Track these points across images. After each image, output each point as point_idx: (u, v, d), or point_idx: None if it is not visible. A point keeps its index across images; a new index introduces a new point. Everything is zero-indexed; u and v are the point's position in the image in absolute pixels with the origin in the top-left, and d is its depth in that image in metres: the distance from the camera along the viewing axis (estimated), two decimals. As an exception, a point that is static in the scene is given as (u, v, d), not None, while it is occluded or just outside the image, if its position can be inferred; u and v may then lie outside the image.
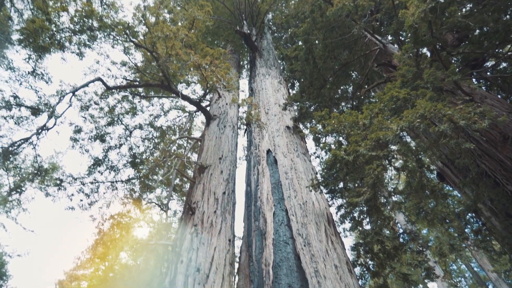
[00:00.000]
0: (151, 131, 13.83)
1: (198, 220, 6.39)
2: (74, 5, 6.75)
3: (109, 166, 12.60)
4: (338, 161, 5.45)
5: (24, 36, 5.75)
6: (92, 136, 11.10)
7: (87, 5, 6.44)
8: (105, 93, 9.48)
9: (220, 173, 7.81)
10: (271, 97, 10.48)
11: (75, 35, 6.78)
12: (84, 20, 6.54)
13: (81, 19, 6.51)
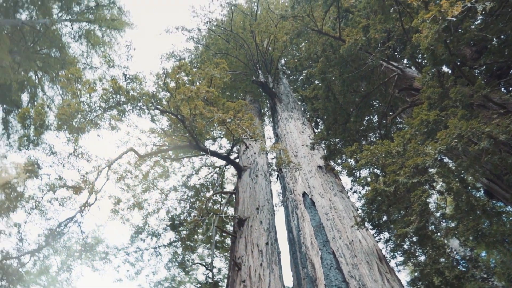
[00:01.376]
0: (185, 192, 14.00)
1: (245, 276, 6.24)
2: (100, 84, 7.19)
3: (150, 232, 12.72)
4: (379, 194, 5.29)
5: (61, 122, 6.14)
6: (130, 205, 11.33)
7: (113, 83, 6.82)
8: (138, 161, 9.79)
9: (259, 224, 7.71)
10: (297, 139, 10.50)
11: (106, 112, 7.13)
12: (113, 97, 6.90)
13: (110, 96, 6.88)
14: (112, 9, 20.35)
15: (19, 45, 17.48)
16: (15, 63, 16.72)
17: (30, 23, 17.30)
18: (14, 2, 16.93)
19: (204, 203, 8.88)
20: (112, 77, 7.26)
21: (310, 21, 9.76)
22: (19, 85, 17.13)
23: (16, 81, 16.11)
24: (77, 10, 19.16)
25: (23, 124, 7.03)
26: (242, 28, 17.70)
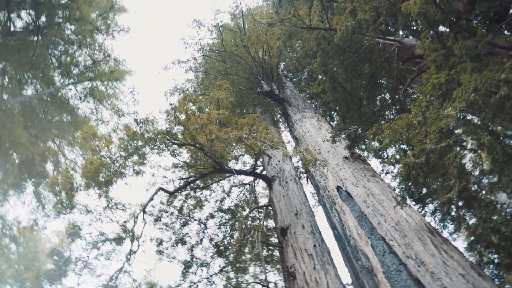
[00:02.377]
0: (222, 216, 14.05)
1: (302, 283, 6.20)
2: (115, 135, 7.40)
3: (199, 264, 12.77)
4: (411, 168, 5.21)
5: (88, 180, 6.35)
6: (173, 243, 11.47)
7: (127, 130, 7.02)
8: (169, 199, 9.98)
9: (302, 228, 7.67)
10: (316, 137, 10.46)
11: (127, 159, 7.32)
12: (130, 143, 7.09)
13: (127, 143, 7.07)
14: (109, 62, 20.95)
15: (32, 119, 18.15)
16: (32, 137, 17.34)
17: (37, 96, 17.97)
18: (18, 81, 17.64)
19: (243, 222, 8.90)
20: (125, 125, 7.45)
21: (297, 20, 9.83)
22: (41, 157, 17.72)
23: (37, 153, 16.68)
24: (77, 72, 19.81)
25: (54, 192, 7.28)
26: (234, 46, 17.93)
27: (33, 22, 17.67)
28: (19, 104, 17.80)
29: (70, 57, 19.30)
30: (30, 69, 17.48)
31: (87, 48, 19.94)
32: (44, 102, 18.91)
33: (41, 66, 17.89)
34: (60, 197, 7.44)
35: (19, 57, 16.55)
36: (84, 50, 19.92)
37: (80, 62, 20.11)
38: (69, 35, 18.82)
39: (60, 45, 18.88)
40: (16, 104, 17.54)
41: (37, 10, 16.99)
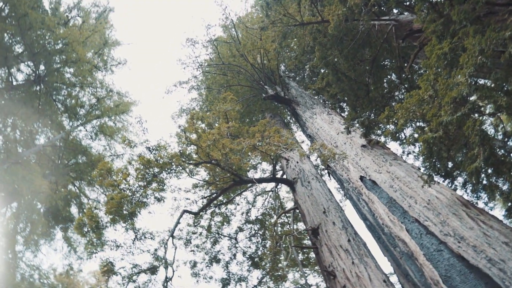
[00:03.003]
0: (251, 227, 13.97)
1: (343, 280, 6.05)
2: (131, 166, 7.44)
3: (236, 279, 12.69)
4: (432, 144, 5.06)
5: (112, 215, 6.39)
6: (207, 263, 11.43)
7: (142, 159, 7.05)
8: (195, 219, 9.96)
9: (333, 225, 7.53)
10: (330, 130, 10.34)
11: (147, 188, 7.33)
12: (146, 172, 7.11)
13: (144, 173, 7.10)
14: (112, 97, 21.24)
15: (49, 166, 18.46)
16: (52, 183, 17.62)
17: (50, 143, 18.29)
18: (29, 132, 18.01)
19: (273, 230, 8.81)
20: (139, 155, 7.49)
21: (289, 19, 9.78)
22: (64, 201, 17.98)
23: (60, 199, 16.92)
24: (83, 113, 20.13)
25: (82, 234, 7.33)
26: (231, 57, 17.96)
27: (33, 72, 18.08)
28: (34, 154, 18.13)
29: (75, 99, 19.65)
30: (39, 118, 17.84)
31: (89, 87, 20.28)
32: (58, 148, 19.24)
33: (48, 113, 18.24)
34: (89, 237, 7.49)
35: (26, 109, 16.91)
36: (86, 89, 20.26)
37: (85, 102, 20.46)
38: (69, 78, 19.18)
39: (62, 90, 19.25)
40: (31, 155, 17.88)
41: (35, 60, 17.37)
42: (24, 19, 15.63)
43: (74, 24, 20.13)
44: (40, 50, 16.90)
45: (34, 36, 16.62)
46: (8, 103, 17.05)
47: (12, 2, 15.42)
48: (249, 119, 19.25)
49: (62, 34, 17.37)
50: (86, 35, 18.95)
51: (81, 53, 17.71)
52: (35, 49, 16.87)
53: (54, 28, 16.96)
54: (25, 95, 17.55)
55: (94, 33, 19.63)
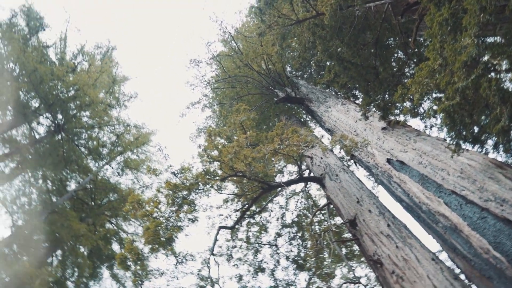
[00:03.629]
0: (289, 231, 13.93)
1: (391, 266, 5.95)
2: (161, 194, 7.57)
3: (284, 285, 12.64)
4: (452, 112, 4.96)
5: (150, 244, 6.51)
6: (252, 274, 11.43)
7: (168, 185, 7.18)
8: (232, 233, 10.02)
9: (369, 213, 7.43)
10: (347, 120, 10.25)
11: (179, 211, 7.44)
12: (176, 196, 7.23)
13: (173, 197, 7.21)
14: (131, 131, 21.69)
15: (84, 209, 18.95)
16: (90, 225, 18.05)
17: (80, 187, 18.79)
18: (59, 180, 18.56)
19: (310, 229, 8.75)
20: (165, 181, 7.61)
21: (284, 20, 9.81)
22: (104, 240, 18.37)
23: (100, 239, 17.31)
24: (106, 151, 20.62)
25: (125, 268, 7.48)
26: (237, 68, 18.10)
27: (52, 123, 18.70)
28: (68, 200, 18.65)
29: (96, 140, 20.18)
30: (66, 165, 18.37)
31: (107, 126, 20.80)
32: (89, 190, 19.74)
33: (74, 158, 18.77)
34: (134, 270, 7.62)
35: (53, 159, 17.45)
36: (105, 129, 20.79)
37: (105, 141, 20.98)
38: (87, 121, 19.75)
39: (83, 133, 19.81)
40: (66, 202, 18.39)
41: (52, 111, 17.96)
42: (34, 74, 16.22)
43: (81, 69, 20.77)
44: (54, 101, 17.48)
45: (47, 88, 17.21)
46: (34, 156, 17.64)
47: (21, 60, 16.04)
48: (266, 125, 19.30)
49: (72, 81, 17.93)
50: (95, 77, 19.49)
51: (93, 95, 18.22)
52: (50, 100, 17.45)
53: (63, 77, 17.54)
54: (49, 146, 18.14)
55: (101, 73, 20.16)
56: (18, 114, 17.23)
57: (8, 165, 18.25)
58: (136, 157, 22.20)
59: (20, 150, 17.44)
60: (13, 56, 16.29)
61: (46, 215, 16.33)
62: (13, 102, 16.63)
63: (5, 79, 16.26)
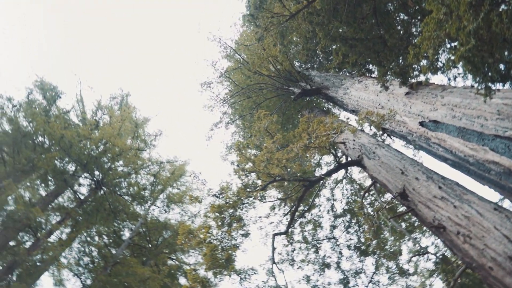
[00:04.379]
0: (342, 220, 13.75)
1: (454, 228, 5.76)
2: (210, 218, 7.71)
3: (353, 274, 12.45)
4: (472, 56, 4.80)
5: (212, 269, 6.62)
6: (319, 271, 11.34)
7: (213, 208, 7.29)
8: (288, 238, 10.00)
9: (417, 180, 7.24)
10: (369, 95, 10.09)
11: (230, 230, 7.53)
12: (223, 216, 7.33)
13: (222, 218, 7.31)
14: (165, 167, 22.20)
15: (143, 253, 19.46)
16: (153, 266, 18.51)
17: (134, 233, 19.33)
18: (113, 232, 19.17)
19: (363, 213, 8.62)
20: (210, 205, 7.73)
21: (278, 18, 9.82)
22: (170, 277, 18.78)
23: (165, 277, 17.70)
24: (148, 193, 21.16)
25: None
26: (247, 78, 18.23)
27: (91, 180, 19.42)
28: (126, 249, 19.22)
29: (136, 185, 20.75)
30: (115, 217, 19.00)
31: (142, 169, 21.36)
32: (142, 234, 20.27)
33: (121, 208, 19.38)
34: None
35: (101, 214, 18.08)
36: (141, 172, 21.36)
37: (145, 184, 21.53)
38: (122, 170, 20.38)
39: (122, 183, 20.42)
40: (125, 251, 18.97)
41: (88, 170, 18.66)
42: (63, 141, 16.96)
43: (104, 122, 21.52)
44: (88, 160, 18.18)
45: (78, 150, 17.94)
46: (85, 216, 18.34)
47: (47, 131, 16.83)
48: (291, 124, 19.25)
49: (98, 136, 18.62)
50: (118, 127, 20.12)
51: (121, 144, 18.83)
52: (83, 160, 18.16)
53: (90, 136, 18.25)
54: (95, 203, 18.83)
55: (123, 122, 20.79)
56: (59, 181, 18.01)
57: (64, 231, 19.08)
58: (177, 191, 22.66)
59: (70, 214, 18.18)
60: (40, 129, 17.12)
61: (110, 268, 16.88)
62: (52, 172, 17.41)
63: (38, 153, 17.08)
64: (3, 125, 17.36)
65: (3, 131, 17.21)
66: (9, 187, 14.34)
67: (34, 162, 16.39)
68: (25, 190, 18.41)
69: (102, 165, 19.16)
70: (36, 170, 17.12)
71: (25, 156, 16.37)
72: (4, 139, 16.74)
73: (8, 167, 16.23)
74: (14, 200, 15.56)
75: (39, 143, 17.91)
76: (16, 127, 16.91)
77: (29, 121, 17.46)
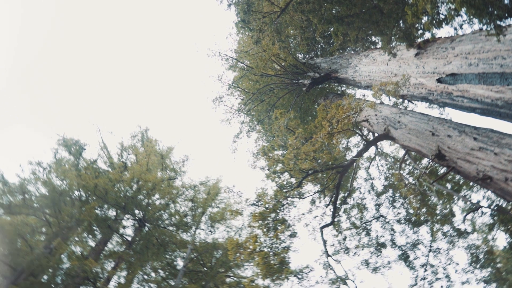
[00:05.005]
0: (385, 196, 13.52)
1: (500, 175, 5.55)
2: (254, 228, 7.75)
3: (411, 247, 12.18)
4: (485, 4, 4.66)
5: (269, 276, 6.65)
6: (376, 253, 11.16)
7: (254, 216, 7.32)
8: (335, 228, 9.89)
9: (450, 138, 7.05)
10: (379, 67, 9.93)
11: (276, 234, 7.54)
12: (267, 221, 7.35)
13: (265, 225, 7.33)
14: (200, 189, 22.47)
15: (201, 277, 19.69)
16: (215, 286, 18.68)
17: (187, 260, 19.61)
18: (167, 264, 19.48)
19: (404, 184, 8.45)
20: (251, 214, 7.77)
21: (269, 17, 9.83)
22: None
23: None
24: (190, 218, 21.45)
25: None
26: (255, 83, 18.30)
27: (134, 220, 19.89)
28: (184, 277, 19.54)
29: (176, 214, 21.09)
30: (165, 250, 19.36)
31: (178, 197, 21.71)
32: (195, 259, 20.53)
33: (168, 239, 19.72)
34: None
35: (151, 250, 18.45)
36: (177, 200, 21.71)
37: (185, 210, 21.85)
38: (160, 203, 20.79)
39: (163, 215, 20.82)
40: (182, 280, 19.27)
41: (128, 211, 19.12)
42: (97, 189, 17.45)
43: (131, 162, 22.02)
44: (125, 201, 18.64)
45: (114, 195, 18.42)
46: (136, 256, 18.74)
47: (81, 184, 17.39)
48: (310, 116, 19.15)
49: (129, 177, 19.10)
50: (145, 163, 20.54)
51: (152, 179, 19.25)
52: (121, 203, 18.63)
53: (121, 178, 18.72)
54: (143, 240, 19.24)
55: (149, 157, 21.20)
56: (104, 229, 18.52)
57: (120, 275, 19.57)
58: (217, 209, 22.87)
59: (122, 257, 18.65)
60: (73, 184, 17.70)
61: (172, 298, 17.16)
62: (95, 221, 17.93)
63: (78, 207, 17.63)
64: (39, 190, 18.05)
65: (41, 195, 17.88)
66: (60, 246, 14.85)
67: (76, 216, 16.92)
68: (75, 245, 18.99)
69: (140, 203, 19.59)
70: (80, 224, 17.66)
71: (66, 213, 16.91)
72: (43, 202, 17.36)
73: (54, 228, 16.80)
74: (68, 257, 16.07)
75: (76, 198, 18.50)
76: (51, 188, 17.52)
77: (62, 179, 18.07)
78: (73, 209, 17.33)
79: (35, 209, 17.38)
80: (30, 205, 17.30)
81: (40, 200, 17.50)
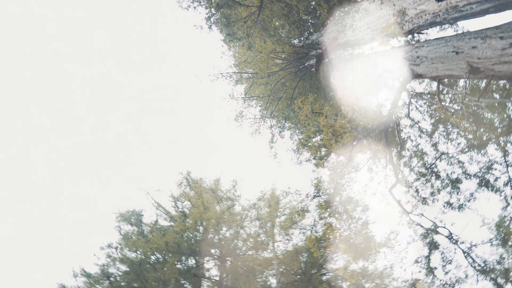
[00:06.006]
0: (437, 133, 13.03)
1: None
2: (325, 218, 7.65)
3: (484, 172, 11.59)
4: None
5: (360, 257, 6.52)
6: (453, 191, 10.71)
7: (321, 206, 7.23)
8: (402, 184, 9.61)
9: (475, 49, 6.68)
10: (373, 15, 9.67)
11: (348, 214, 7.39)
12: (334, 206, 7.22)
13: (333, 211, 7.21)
14: (260, 206, 22.61)
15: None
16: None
17: (278, 279, 19.63)
18: (262, 287, 19.59)
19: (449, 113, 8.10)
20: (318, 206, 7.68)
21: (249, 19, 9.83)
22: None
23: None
24: (264, 236, 21.60)
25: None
26: (266, 85, 18.28)
27: (214, 260, 20.26)
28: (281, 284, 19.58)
29: (250, 238, 21.38)
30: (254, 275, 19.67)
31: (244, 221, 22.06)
32: (285, 271, 20.50)
33: (252, 264, 19.94)
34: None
35: (242, 280, 18.65)
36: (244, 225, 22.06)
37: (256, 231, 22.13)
38: (230, 234, 21.25)
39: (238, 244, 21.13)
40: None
41: (204, 253, 19.52)
42: (169, 246, 18.02)
43: (188, 208, 22.51)
44: (198, 246, 19.08)
45: (186, 244, 18.90)
46: None
47: (153, 247, 17.95)
48: (331, 91, 18.80)
49: (192, 222, 19.57)
50: (201, 204, 20.93)
51: (213, 215, 19.68)
52: (196, 249, 19.09)
53: (185, 227, 19.24)
54: (230, 275, 19.60)
55: (201, 197, 21.59)
56: (191, 279, 19.04)
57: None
58: (284, 216, 22.84)
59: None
60: (147, 251, 18.36)
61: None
62: (181, 276, 18.48)
63: (160, 269, 18.19)
64: (120, 268, 18.81)
65: (123, 272, 18.60)
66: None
67: (162, 278, 17.45)
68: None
69: (212, 241, 19.95)
70: (168, 284, 18.16)
71: (152, 279, 17.47)
72: (128, 278, 18.02)
73: (148, 297, 17.38)
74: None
75: (155, 262, 19.08)
76: (130, 263, 18.18)
77: (135, 250, 18.72)
78: (156, 273, 17.85)
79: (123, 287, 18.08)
80: (118, 285, 17.98)
81: (125, 277, 18.17)
